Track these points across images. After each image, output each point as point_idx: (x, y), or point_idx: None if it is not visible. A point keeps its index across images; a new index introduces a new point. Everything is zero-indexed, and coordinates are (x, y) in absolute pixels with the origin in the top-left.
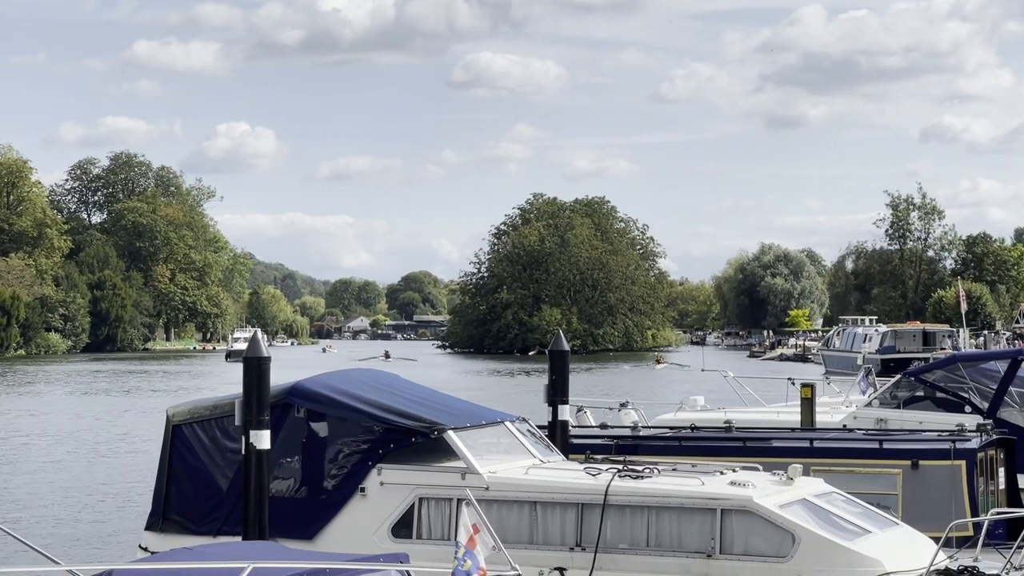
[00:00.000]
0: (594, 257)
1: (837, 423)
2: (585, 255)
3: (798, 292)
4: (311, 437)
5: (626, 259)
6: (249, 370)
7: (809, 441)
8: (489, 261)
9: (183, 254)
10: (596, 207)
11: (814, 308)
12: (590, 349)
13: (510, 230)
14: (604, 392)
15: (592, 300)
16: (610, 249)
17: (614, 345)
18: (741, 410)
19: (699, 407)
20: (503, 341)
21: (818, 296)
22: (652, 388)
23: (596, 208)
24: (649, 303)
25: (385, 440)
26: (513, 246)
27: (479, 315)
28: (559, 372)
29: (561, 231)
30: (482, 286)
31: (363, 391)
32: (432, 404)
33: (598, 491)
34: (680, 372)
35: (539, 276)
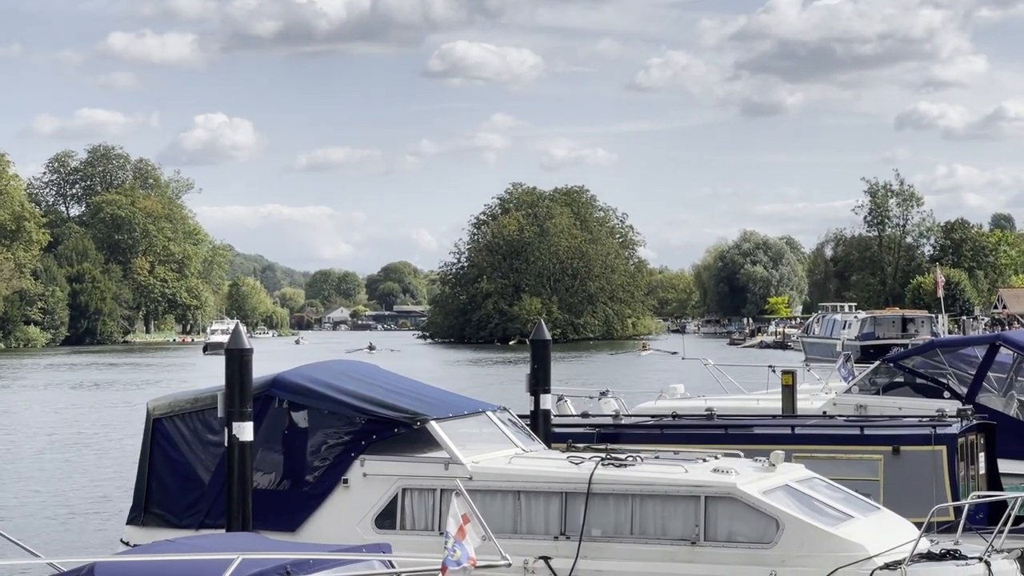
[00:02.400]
0: (574, 246)
1: (818, 410)
2: (565, 244)
3: (777, 279)
4: (293, 429)
5: (606, 248)
6: (232, 362)
7: (791, 428)
8: (469, 251)
9: (162, 246)
10: (575, 196)
11: (793, 295)
12: (570, 338)
13: (489, 220)
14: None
15: (572, 289)
16: (590, 238)
17: (594, 334)
18: (722, 398)
19: (679, 395)
20: (484, 331)
21: (797, 283)
22: (632, 377)
23: (575, 197)
24: (629, 292)
25: (367, 431)
26: (492, 236)
27: (459, 305)
28: (540, 361)
29: (540, 220)
30: (462, 276)
31: (345, 382)
32: (414, 395)
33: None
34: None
35: (519, 266)
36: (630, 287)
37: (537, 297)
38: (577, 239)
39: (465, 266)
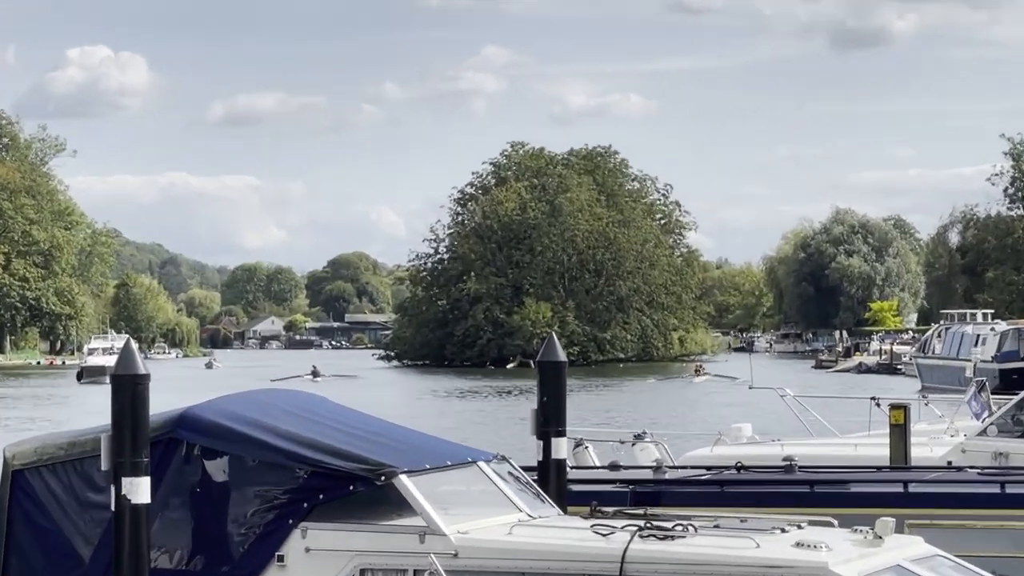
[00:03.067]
0: (597, 231)
1: (940, 459)
2: (584, 228)
3: (882, 277)
4: (207, 485)
5: (642, 233)
6: (120, 393)
7: (902, 484)
8: (450, 238)
9: (21, 231)
10: (599, 161)
11: (905, 299)
12: (593, 359)
13: (479, 194)
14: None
15: (595, 291)
16: (619, 219)
17: (626, 353)
18: (805, 442)
19: (746, 439)
20: (471, 349)
21: (910, 282)
22: (679, 414)
23: (599, 162)
24: (674, 294)
25: (312, 489)
26: (484, 216)
27: (437, 314)
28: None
29: (550, 195)
30: (441, 273)
31: (280, 421)
32: (376, 438)
33: (612, 558)
34: (717, 391)
35: (521, 258)
36: (676, 288)
37: (546, 302)
38: (602, 221)
39: (445, 259)
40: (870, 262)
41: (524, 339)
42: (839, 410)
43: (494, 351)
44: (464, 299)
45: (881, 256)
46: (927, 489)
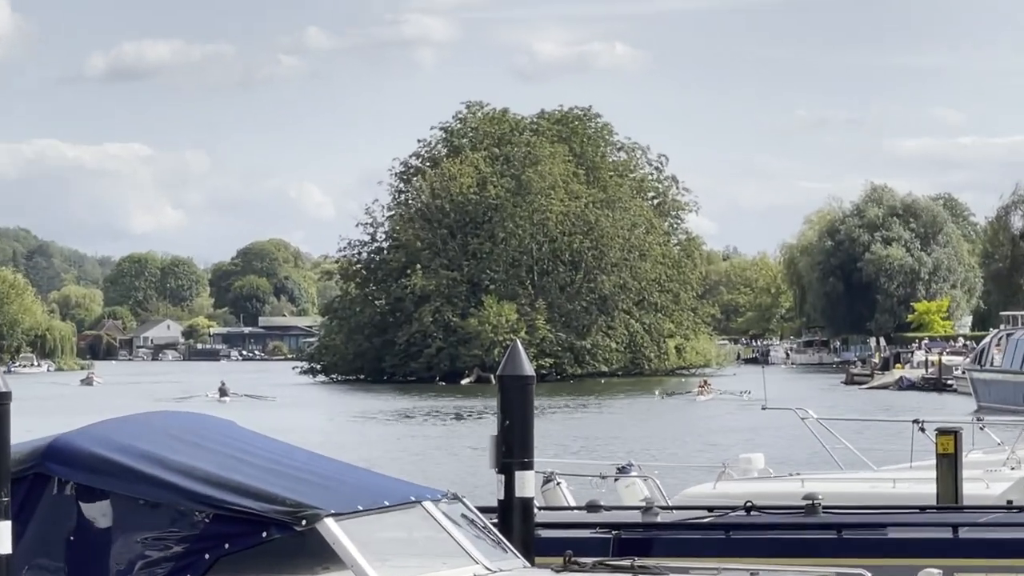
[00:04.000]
0: (574, 213)
1: (999, 497)
2: (558, 209)
3: (930, 270)
4: (84, 531)
5: (630, 216)
6: None
7: (951, 529)
8: (391, 222)
9: None
10: (576, 126)
11: (957, 298)
12: (569, 373)
13: (427, 167)
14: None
15: (572, 289)
16: (602, 199)
17: (610, 366)
18: (831, 477)
19: (757, 472)
20: (417, 361)
21: (964, 277)
22: (675, 441)
23: (576, 128)
24: (670, 292)
25: (216, 536)
26: (433, 195)
27: (374, 317)
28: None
29: (516, 168)
30: (379, 266)
31: (176, 451)
32: (297, 473)
33: None
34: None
35: (479, 247)
36: (672, 285)
37: (511, 302)
38: (580, 200)
39: (385, 248)
40: (914, 252)
41: (482, 348)
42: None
43: (445, 363)
44: (408, 298)
45: (927, 244)
46: (982, 535)
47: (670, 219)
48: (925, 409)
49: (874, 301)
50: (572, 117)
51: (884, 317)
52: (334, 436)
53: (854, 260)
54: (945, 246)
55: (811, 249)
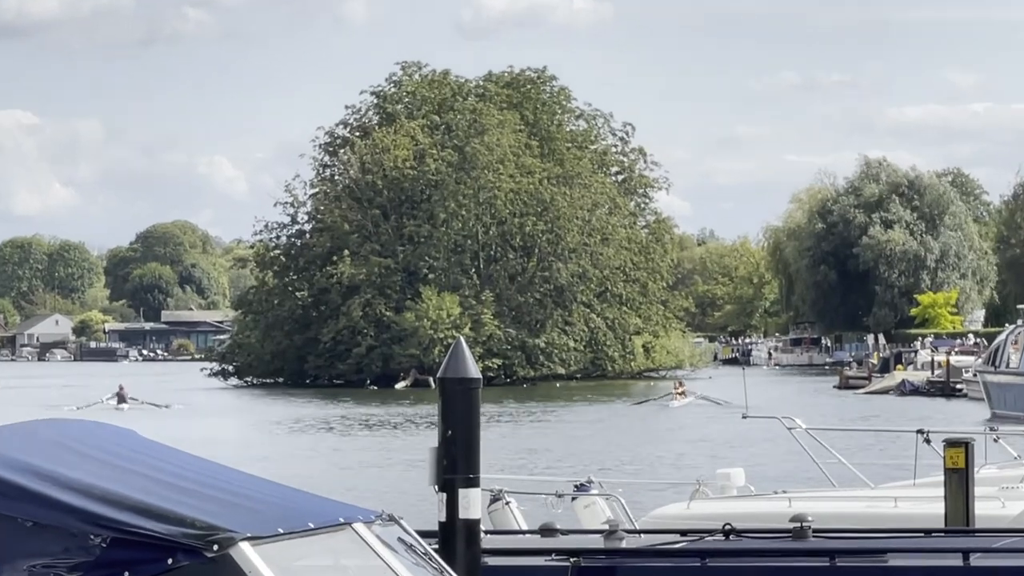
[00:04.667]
0: (526, 190)
1: (1015, 518)
2: (508, 187)
3: (936, 256)
4: None
5: (591, 194)
6: None
7: (961, 555)
8: (314, 201)
9: None
10: (529, 90)
11: (967, 288)
12: (520, 376)
13: (356, 138)
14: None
15: (524, 278)
16: (558, 174)
17: (568, 367)
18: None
19: (737, 490)
20: (345, 362)
21: (975, 265)
22: (643, 453)
23: (529, 92)
24: (637, 282)
25: (115, 562)
26: (363, 170)
27: (295, 311)
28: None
29: (459, 139)
30: (301, 252)
31: (67, 466)
32: (208, 491)
33: None
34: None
35: (416, 231)
36: (639, 274)
37: (453, 294)
38: (533, 176)
39: (307, 232)
40: (917, 236)
41: (420, 347)
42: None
43: (377, 364)
44: (334, 289)
45: (933, 227)
46: (997, 562)
47: (637, 198)
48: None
49: (872, 292)
50: (523, 80)
51: (883, 311)
52: (250, 448)
53: (849, 245)
54: (954, 229)
55: (799, 232)
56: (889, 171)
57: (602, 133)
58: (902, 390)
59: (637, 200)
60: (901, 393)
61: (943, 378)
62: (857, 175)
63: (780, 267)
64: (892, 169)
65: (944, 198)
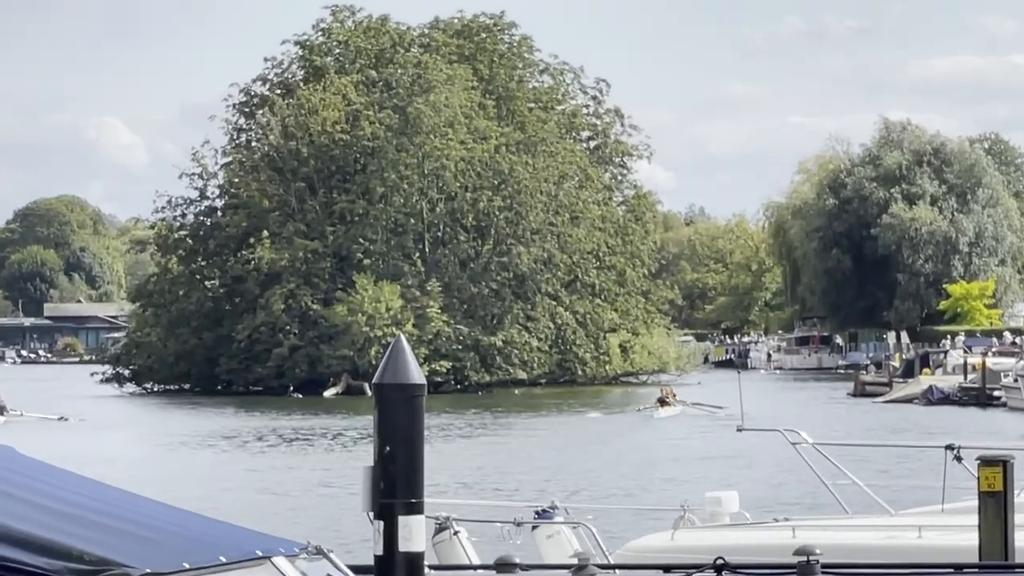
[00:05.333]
0: (481, 159)
1: None
2: (459, 155)
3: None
4: None
5: (557, 162)
6: None
7: None
8: (227, 172)
9: None
10: (484, 40)
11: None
12: (473, 381)
13: (277, 97)
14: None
15: (478, 264)
16: (519, 140)
17: (530, 371)
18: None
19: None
20: (263, 365)
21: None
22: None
23: (484, 43)
24: (613, 269)
25: None
26: (285, 135)
27: (204, 304)
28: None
29: (401, 98)
30: (211, 233)
31: None
32: (102, 518)
33: None
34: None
35: (349, 207)
36: (616, 259)
37: (392, 282)
38: (490, 141)
39: (218, 209)
40: (947, 213)
41: (353, 347)
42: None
43: (302, 368)
44: (251, 278)
45: (966, 203)
46: None
47: (612, 168)
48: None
49: (893, 282)
50: (477, 28)
51: (907, 304)
52: (150, 468)
53: (865, 225)
54: (991, 206)
55: (806, 210)
56: (913, 136)
57: (571, 91)
58: (929, 398)
59: (613, 171)
60: (928, 402)
61: (978, 384)
62: (875, 141)
63: (784, 251)
64: (917, 134)
65: (979, 168)
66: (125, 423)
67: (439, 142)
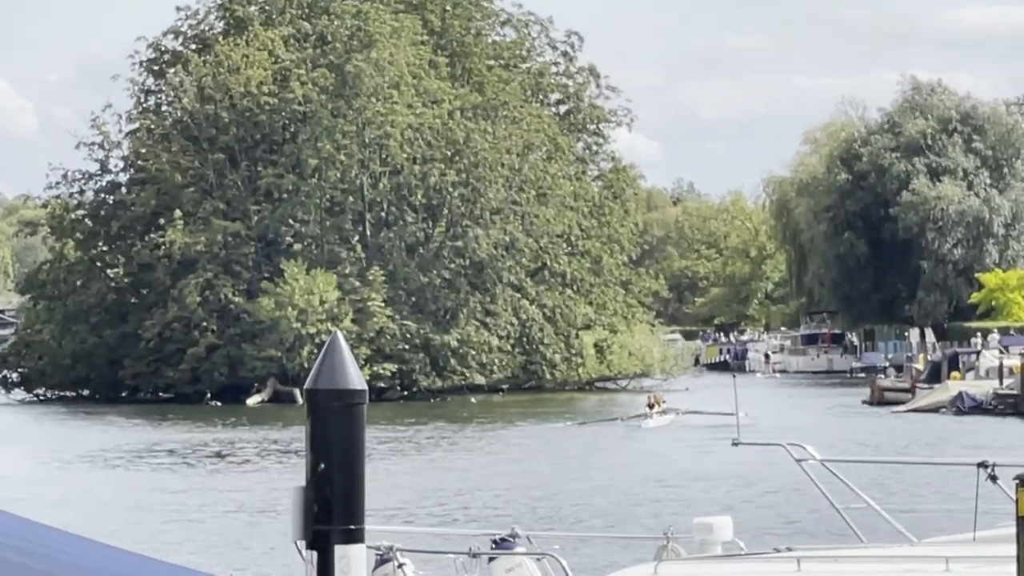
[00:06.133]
0: (432, 127)
1: None
2: (405, 120)
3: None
4: None
5: (521, 130)
6: None
7: None
8: (133, 142)
9: None
10: None
11: None
12: (422, 387)
13: (192, 54)
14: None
15: (427, 250)
16: (477, 104)
17: (489, 375)
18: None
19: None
20: (175, 368)
21: None
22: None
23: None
24: (587, 255)
25: None
26: (201, 98)
27: (107, 295)
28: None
29: (339, 54)
30: (114, 213)
31: None
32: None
33: None
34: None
35: (276, 182)
36: (591, 244)
37: (327, 271)
38: (442, 106)
39: (123, 185)
40: (980, 189)
41: (282, 346)
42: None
43: (222, 371)
44: (161, 266)
45: (1002, 178)
46: None
47: (587, 137)
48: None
49: (916, 270)
50: None
51: (933, 296)
52: (42, 489)
53: (884, 204)
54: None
55: (814, 186)
56: (941, 100)
57: (537, 46)
58: (959, 407)
59: (587, 140)
60: (958, 411)
61: (1016, 390)
62: (896, 105)
63: (788, 235)
64: (944, 97)
65: (1012, 136)
66: (12, 436)
67: (382, 106)
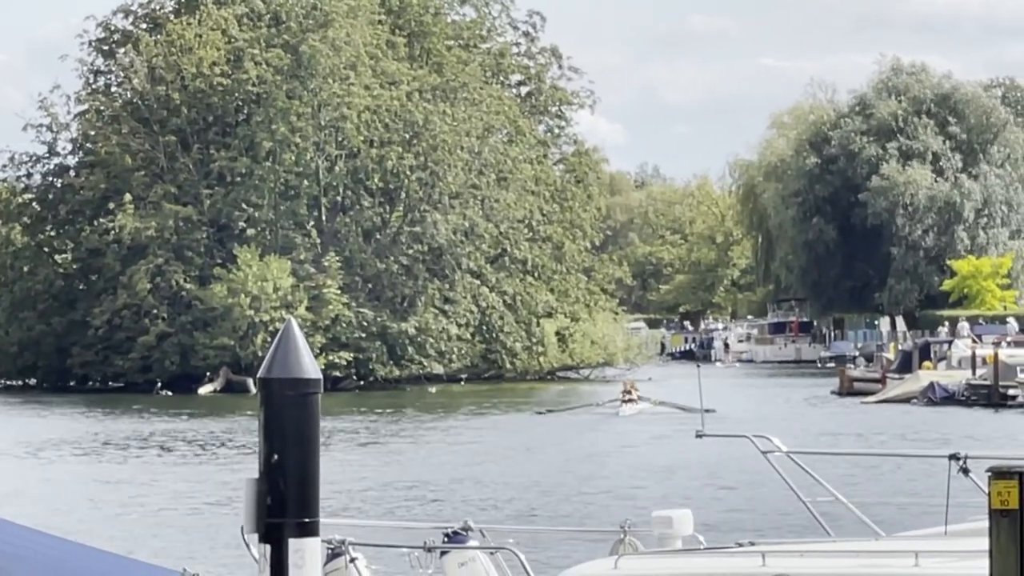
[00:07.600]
0: (389, 109)
1: None
2: (362, 102)
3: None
4: None
5: (481, 112)
6: None
7: None
8: (82, 124)
9: None
10: None
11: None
12: (379, 376)
13: (143, 33)
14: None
15: (385, 235)
16: (436, 86)
17: (448, 365)
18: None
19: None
20: (125, 356)
21: None
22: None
23: None
24: (549, 241)
25: None
26: (152, 78)
27: (55, 282)
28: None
29: (293, 33)
30: (62, 197)
31: None
32: None
33: None
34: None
35: (229, 166)
36: (553, 229)
37: (282, 257)
38: (400, 87)
39: (72, 168)
40: (951, 174)
41: (235, 334)
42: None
43: (173, 360)
44: (110, 251)
45: (975, 163)
46: None
47: (549, 119)
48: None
49: (886, 257)
50: None
51: (903, 284)
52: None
53: (854, 188)
54: (1004, 165)
55: (782, 170)
56: (914, 81)
57: (498, 26)
58: (931, 397)
59: (549, 123)
60: (929, 402)
61: (989, 380)
62: (869, 87)
63: (755, 220)
64: (918, 79)
65: (992, 120)
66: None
67: (338, 87)
